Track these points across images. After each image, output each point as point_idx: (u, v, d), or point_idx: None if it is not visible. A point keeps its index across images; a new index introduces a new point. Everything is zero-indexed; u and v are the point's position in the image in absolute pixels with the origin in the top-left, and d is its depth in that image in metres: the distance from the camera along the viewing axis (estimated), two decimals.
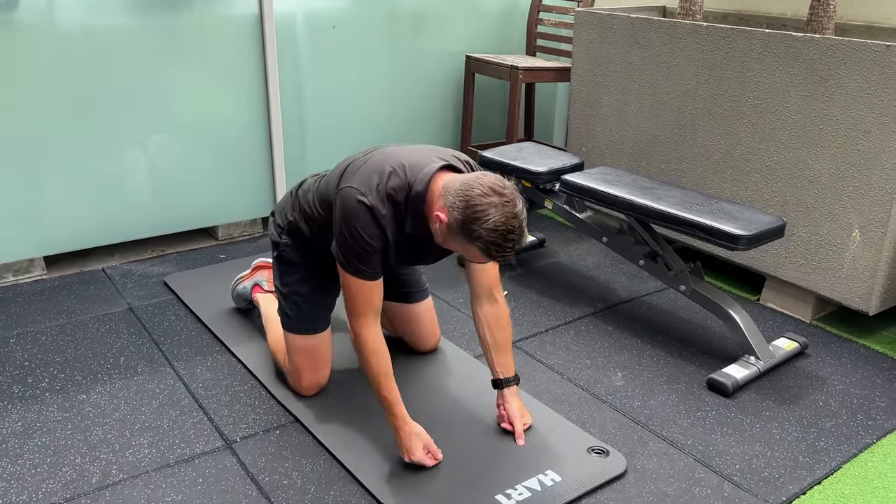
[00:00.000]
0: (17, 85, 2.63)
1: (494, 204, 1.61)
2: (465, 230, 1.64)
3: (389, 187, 1.76)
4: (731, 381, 2.24)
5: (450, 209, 1.66)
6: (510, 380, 2.02)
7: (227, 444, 1.96)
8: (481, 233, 1.61)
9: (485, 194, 1.62)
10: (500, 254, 1.65)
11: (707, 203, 2.40)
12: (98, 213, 2.92)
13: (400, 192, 1.77)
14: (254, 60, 3.09)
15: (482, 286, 1.99)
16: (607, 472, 1.88)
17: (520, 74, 3.47)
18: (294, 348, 2.09)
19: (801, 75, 2.55)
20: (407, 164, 1.79)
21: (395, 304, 2.30)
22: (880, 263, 2.45)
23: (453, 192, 1.66)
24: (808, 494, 1.86)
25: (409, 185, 1.77)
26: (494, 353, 2.01)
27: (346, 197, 1.77)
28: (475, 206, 1.61)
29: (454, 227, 1.66)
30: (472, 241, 1.64)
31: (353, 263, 1.79)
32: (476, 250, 1.66)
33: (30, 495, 1.76)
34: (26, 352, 2.35)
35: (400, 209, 1.78)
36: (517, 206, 1.63)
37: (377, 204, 1.75)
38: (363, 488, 1.81)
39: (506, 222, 1.61)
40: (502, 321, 2.01)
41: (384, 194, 1.76)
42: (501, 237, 1.61)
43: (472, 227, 1.62)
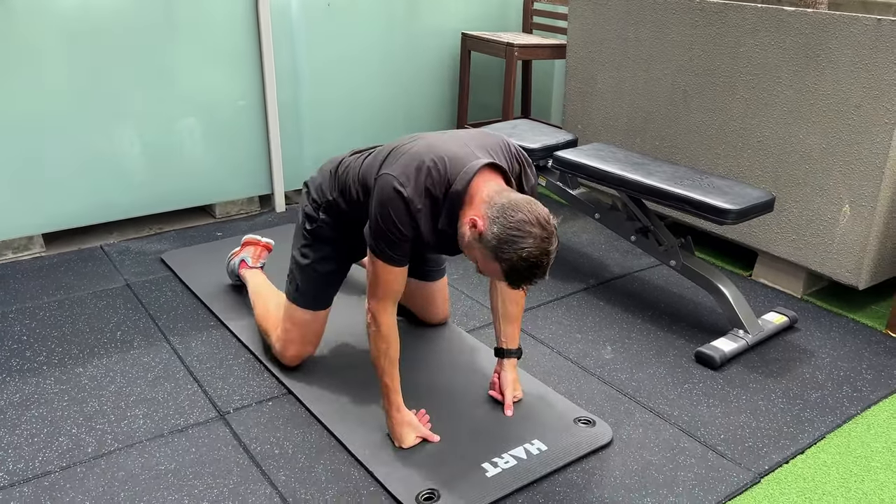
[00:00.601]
0: (15, 64, 2.65)
1: (535, 235, 1.59)
2: (497, 248, 1.61)
3: (428, 181, 1.73)
4: (719, 354, 2.27)
5: (490, 221, 1.63)
6: (512, 351, 2.06)
7: (221, 414, 2.00)
8: (512, 257, 1.59)
9: (529, 222, 1.59)
10: (518, 282, 1.64)
11: (697, 178, 2.42)
12: (96, 192, 2.95)
13: (439, 188, 1.74)
14: (249, 39, 3.10)
15: None
16: (593, 442, 1.91)
17: (515, 52, 3.47)
18: (293, 319, 2.12)
19: (793, 50, 2.55)
20: (448, 158, 1.75)
21: (413, 281, 2.31)
22: (870, 238, 2.46)
23: (499, 207, 1.63)
24: (791, 463, 1.89)
25: (448, 181, 1.73)
26: (503, 323, 2.06)
27: (385, 184, 1.74)
28: (517, 230, 1.59)
29: (487, 239, 1.63)
30: (498, 260, 1.62)
31: (382, 248, 1.78)
32: (498, 268, 1.64)
33: (27, 464, 1.80)
34: (25, 326, 2.39)
35: (437, 205, 1.76)
36: (553, 245, 1.62)
37: (414, 196, 1.72)
38: (353, 457, 1.85)
39: (538, 256, 1.59)
40: (517, 295, 2.04)
41: (423, 188, 1.73)
42: (528, 269, 1.61)
43: (504, 247, 1.60)
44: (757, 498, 1.77)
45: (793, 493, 1.79)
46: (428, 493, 1.71)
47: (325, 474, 1.79)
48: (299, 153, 3.42)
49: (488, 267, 1.67)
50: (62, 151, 2.83)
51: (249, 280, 2.43)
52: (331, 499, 1.72)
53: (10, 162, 2.74)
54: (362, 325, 2.39)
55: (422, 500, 1.69)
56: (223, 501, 1.70)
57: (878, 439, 1.99)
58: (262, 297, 2.29)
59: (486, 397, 2.07)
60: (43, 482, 1.75)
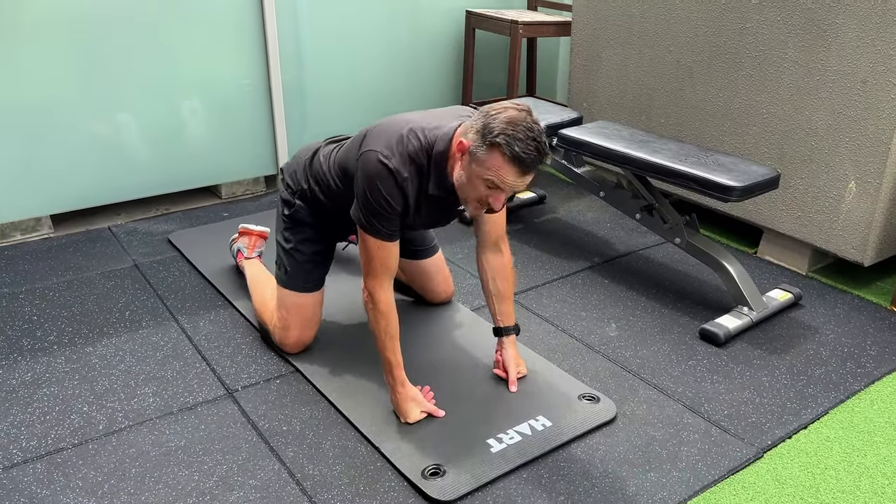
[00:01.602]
0: (21, 46, 2.65)
1: (511, 108, 1.66)
2: (484, 135, 1.64)
3: (410, 149, 1.78)
4: (724, 330, 2.28)
5: (468, 131, 1.69)
6: (510, 328, 2.07)
7: (229, 392, 2.02)
8: (500, 127, 1.61)
9: (502, 106, 1.67)
10: (522, 148, 1.61)
11: (702, 155, 2.41)
12: (103, 173, 2.96)
13: (422, 154, 1.78)
14: (253, 20, 3.09)
15: (489, 237, 2.03)
16: (597, 418, 1.93)
17: (520, 29, 3.45)
18: (287, 305, 2.13)
19: (800, 25, 2.53)
20: (426, 127, 1.81)
21: (405, 261, 2.33)
22: (875, 214, 2.46)
23: (472, 120, 1.71)
24: (794, 438, 1.91)
25: (430, 145, 1.78)
26: (496, 302, 2.07)
27: (369, 160, 1.77)
28: (492, 110, 1.66)
29: (475, 142, 1.66)
30: (493, 145, 1.63)
31: (372, 224, 1.81)
32: (498, 156, 1.64)
33: (39, 441, 1.83)
34: (35, 307, 2.41)
35: (423, 171, 1.80)
36: (534, 115, 1.66)
37: (399, 166, 1.76)
38: (360, 434, 1.87)
39: (523, 119, 1.63)
40: (506, 272, 2.06)
41: (406, 157, 1.77)
42: (522, 132, 1.61)
43: (490, 126, 1.63)
44: (759, 472, 1.79)
45: (795, 468, 1.81)
46: (434, 469, 1.74)
47: (333, 450, 1.82)
48: (303, 133, 3.42)
49: (490, 167, 1.65)
50: (69, 133, 2.84)
51: (246, 270, 2.45)
52: (338, 474, 1.75)
53: (18, 144, 2.75)
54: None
55: (428, 476, 1.72)
56: (232, 477, 1.73)
57: (882, 414, 2.00)
58: (259, 287, 2.31)
59: (491, 374, 2.09)
60: (55, 458, 1.78)
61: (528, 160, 1.64)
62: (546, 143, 1.66)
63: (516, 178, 1.67)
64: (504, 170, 1.65)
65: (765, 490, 1.74)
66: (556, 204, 3.32)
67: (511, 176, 1.66)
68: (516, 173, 1.66)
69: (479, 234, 2.04)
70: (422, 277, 2.40)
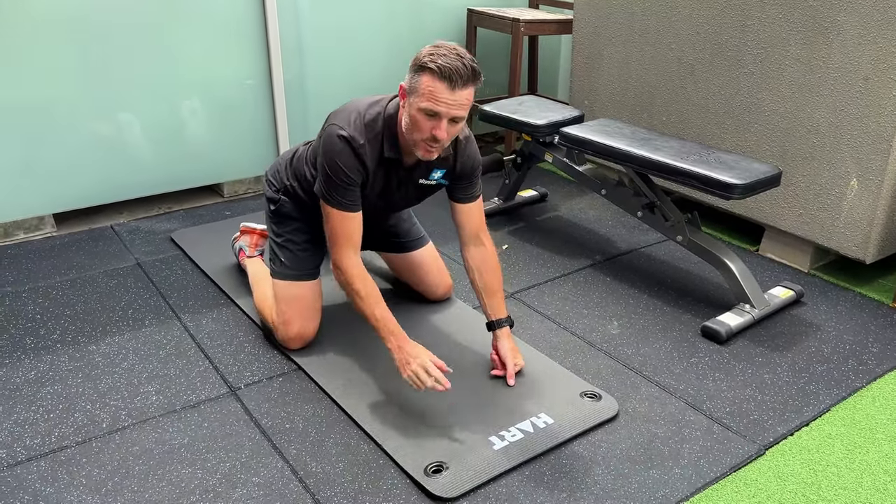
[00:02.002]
0: (23, 46, 2.66)
1: (436, 43, 1.80)
2: (413, 68, 1.79)
3: (367, 118, 1.91)
4: (725, 328, 2.28)
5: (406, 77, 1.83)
6: (502, 321, 2.08)
7: (232, 390, 2.03)
8: (424, 53, 1.77)
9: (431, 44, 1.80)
10: (446, 62, 1.73)
11: (704, 153, 2.41)
12: (106, 172, 2.97)
13: (378, 121, 1.92)
14: (254, 17, 3.09)
15: (468, 231, 2.09)
16: (599, 416, 1.93)
17: (521, 27, 3.45)
18: (286, 297, 2.15)
19: (801, 22, 2.53)
20: (379, 99, 1.96)
21: (392, 255, 2.38)
22: (877, 212, 2.46)
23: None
24: (796, 435, 1.91)
25: (384, 109, 1.93)
26: (485, 296, 2.09)
27: (328, 134, 1.91)
28: (421, 50, 1.80)
29: (409, 78, 1.80)
30: (420, 69, 1.77)
31: (333, 196, 1.92)
32: (428, 77, 1.75)
33: (43, 439, 1.84)
34: (38, 305, 2.42)
35: (378, 136, 1.92)
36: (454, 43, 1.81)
37: (355, 133, 1.89)
38: (362, 431, 1.88)
39: (445, 45, 1.78)
40: (490, 264, 2.09)
41: (361, 126, 1.90)
42: (444, 50, 1.75)
43: (417, 56, 1.78)
44: (761, 469, 1.79)
45: (797, 465, 1.81)
46: (436, 466, 1.74)
47: (336, 448, 1.82)
48: (305, 131, 3.42)
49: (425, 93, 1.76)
50: (71, 132, 2.85)
51: (248, 268, 2.46)
52: (341, 471, 1.75)
53: (21, 143, 2.76)
54: None
55: (430, 473, 1.72)
56: (235, 475, 1.74)
57: (884, 411, 2.00)
58: (260, 284, 2.32)
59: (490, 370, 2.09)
60: (59, 456, 1.78)
61: (453, 71, 1.74)
62: (472, 61, 1.77)
63: (448, 93, 1.76)
64: (435, 87, 1.75)
65: (767, 487, 1.74)
66: (557, 202, 3.32)
67: (443, 92, 1.76)
68: (446, 88, 1.75)
69: (459, 229, 2.10)
70: (415, 272, 2.41)
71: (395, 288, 2.53)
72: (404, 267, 2.41)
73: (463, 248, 2.10)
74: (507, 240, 2.94)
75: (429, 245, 2.42)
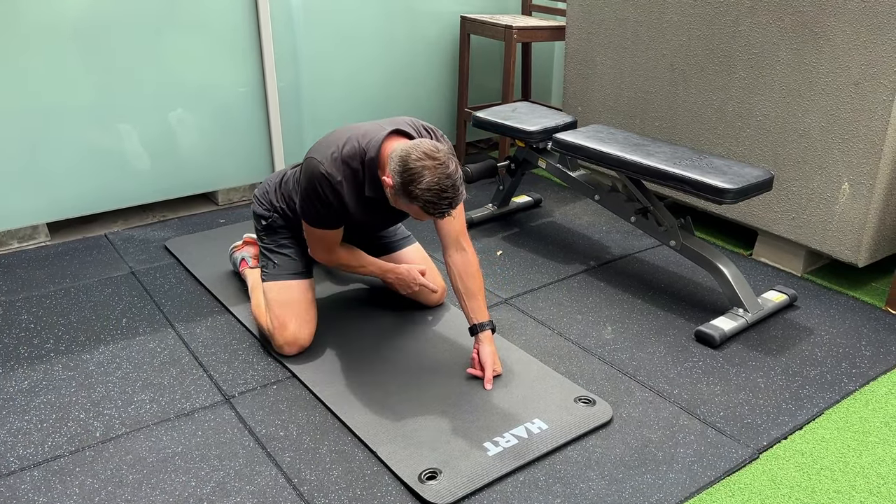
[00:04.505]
0: (18, 54, 2.66)
1: (428, 167, 1.80)
2: (405, 192, 1.83)
3: (344, 154, 1.97)
4: (719, 332, 2.28)
5: (393, 174, 1.85)
6: (484, 325, 2.10)
7: (226, 398, 2.03)
8: (418, 193, 1.81)
9: (419, 159, 1.80)
10: (436, 211, 1.84)
11: (696, 158, 2.42)
12: (100, 180, 2.97)
13: (355, 159, 1.98)
14: (248, 25, 3.10)
15: (449, 236, 2.12)
16: (593, 421, 1.93)
17: (515, 34, 3.46)
18: (280, 300, 2.16)
19: (791, 28, 2.54)
20: (360, 135, 1.99)
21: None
22: (869, 215, 2.47)
23: (395, 159, 1.85)
24: (789, 439, 1.91)
25: (363, 151, 1.97)
26: (467, 300, 2.11)
27: (308, 166, 2.00)
28: (411, 169, 1.80)
29: (397, 189, 1.85)
30: (412, 201, 1.84)
31: (314, 220, 2.07)
32: (417, 208, 1.85)
33: (36, 448, 1.84)
34: (32, 315, 2.41)
35: (358, 175, 1.99)
36: (450, 168, 1.82)
37: (332, 170, 1.96)
38: (356, 438, 1.88)
39: (438, 182, 1.80)
40: (471, 269, 2.12)
41: (339, 162, 1.97)
42: (436, 196, 1.80)
43: (409, 188, 1.82)
44: (755, 473, 1.80)
45: (791, 469, 1.81)
46: (430, 472, 1.74)
47: (330, 455, 1.82)
48: (300, 138, 3.43)
49: (412, 211, 1.89)
50: (65, 141, 2.85)
51: (248, 278, 2.46)
52: (335, 479, 1.75)
53: (14, 151, 2.76)
54: (361, 311, 2.42)
55: (424, 479, 1.72)
56: (229, 483, 1.73)
57: (877, 414, 2.01)
58: (257, 291, 2.33)
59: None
60: (52, 466, 1.78)
61: (442, 215, 1.87)
62: (460, 188, 1.84)
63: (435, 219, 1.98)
64: (422, 216, 1.89)
65: (761, 491, 1.74)
66: (551, 207, 3.33)
67: (428, 218, 1.90)
68: (433, 219, 1.94)
69: (440, 235, 2.14)
70: None
71: (388, 297, 2.53)
72: None
73: (444, 254, 2.14)
74: (501, 246, 2.95)
75: (416, 245, 2.47)
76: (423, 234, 2.95)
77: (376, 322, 2.36)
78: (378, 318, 2.39)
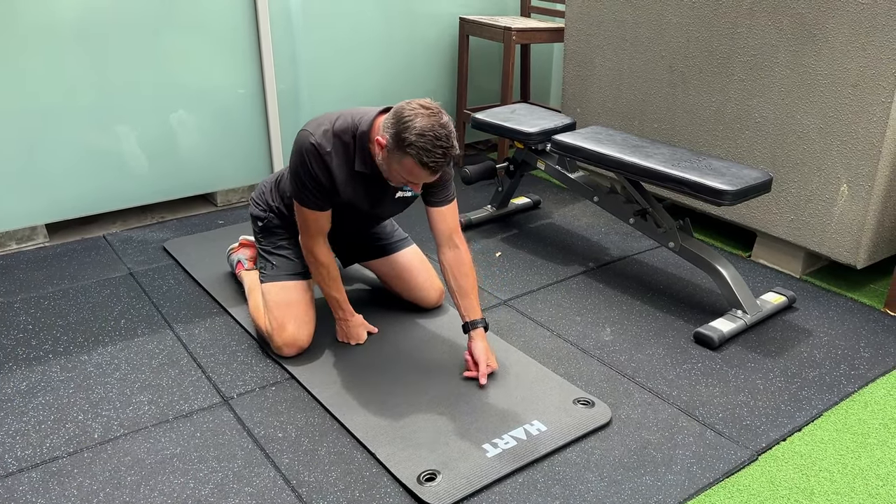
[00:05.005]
0: (17, 55, 2.66)
1: (421, 114, 1.82)
2: (398, 141, 1.82)
3: (336, 128, 1.99)
4: (718, 334, 2.28)
5: (385, 130, 1.87)
6: (477, 322, 2.10)
7: (225, 400, 2.03)
8: (411, 138, 1.80)
9: (413, 108, 1.83)
10: (431, 159, 1.82)
11: (695, 160, 2.43)
12: (98, 181, 2.97)
13: (347, 133, 1.99)
14: (248, 27, 3.10)
15: (442, 233, 2.13)
16: (592, 422, 1.93)
17: (513, 36, 3.47)
18: (278, 301, 2.16)
19: (790, 30, 2.54)
20: (353, 113, 2.02)
21: (378, 261, 2.40)
22: (867, 217, 2.47)
23: (388, 118, 1.87)
24: (788, 441, 1.91)
25: (356, 125, 1.99)
26: (459, 298, 2.12)
27: (298, 138, 2.01)
28: (405, 117, 1.82)
29: (390, 144, 1.85)
30: (405, 152, 1.82)
31: (303, 196, 2.04)
32: (411, 161, 1.83)
33: (35, 450, 1.83)
34: (30, 316, 2.41)
35: (349, 149, 2.00)
36: (443, 119, 1.83)
37: (322, 141, 1.97)
38: (355, 440, 1.88)
39: (432, 128, 1.80)
40: (464, 267, 2.13)
41: (331, 134, 1.98)
42: (430, 142, 1.80)
43: (403, 135, 1.81)
44: (754, 475, 1.80)
45: (790, 470, 1.81)
46: (429, 474, 1.74)
47: (329, 457, 1.82)
48: None
49: (406, 168, 1.86)
50: (64, 142, 2.85)
51: (245, 279, 2.46)
52: (334, 480, 1.75)
53: (13, 152, 2.76)
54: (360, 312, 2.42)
55: (423, 481, 1.72)
56: (228, 484, 1.73)
57: (875, 416, 2.01)
58: (255, 293, 2.32)
59: (486, 379, 2.09)
60: (51, 467, 1.78)
61: (436, 167, 1.84)
62: (453, 144, 1.84)
63: (427, 177, 1.89)
64: (416, 171, 1.86)
65: (759, 493, 1.74)
66: (550, 209, 3.33)
67: (423, 176, 1.88)
68: (428, 174, 1.88)
69: (434, 232, 2.15)
70: (403, 276, 2.41)
71: (387, 298, 2.52)
72: (393, 273, 2.41)
73: (438, 251, 2.15)
74: (499, 247, 2.95)
75: (413, 247, 2.46)
76: (421, 235, 2.95)
77: (375, 323, 2.35)
78: (377, 319, 2.38)
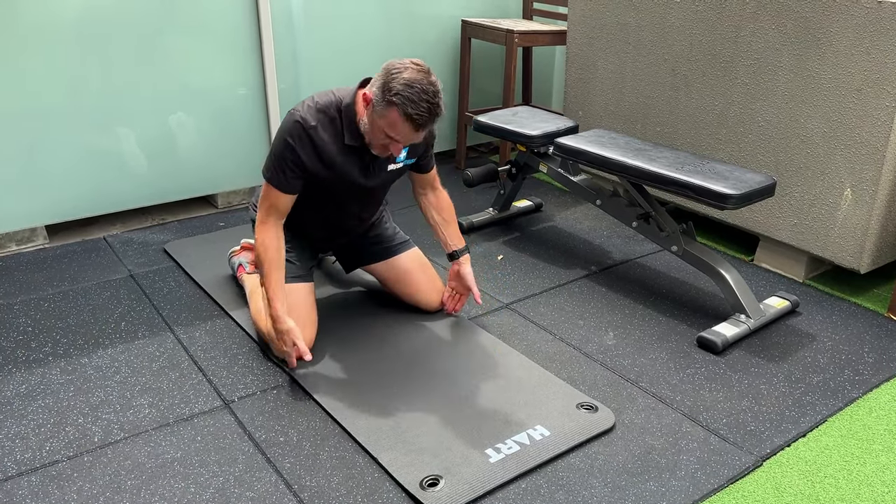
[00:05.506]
0: (16, 56, 2.65)
1: (411, 68, 1.85)
2: (384, 92, 1.84)
3: (320, 104, 2.01)
4: (721, 338, 2.27)
5: (372, 85, 1.90)
6: (462, 249, 2.33)
7: (225, 403, 2.01)
8: (398, 87, 1.82)
9: (403, 63, 1.86)
10: (416, 111, 1.83)
11: (698, 163, 2.42)
12: (99, 183, 2.96)
13: (331, 108, 2.02)
14: (249, 27, 3.09)
15: (423, 182, 2.31)
16: (595, 427, 1.92)
17: (516, 38, 3.46)
18: None
19: (794, 34, 2.54)
20: (335, 90, 2.06)
21: (379, 265, 2.39)
22: (871, 222, 2.46)
23: (377, 75, 1.89)
24: (793, 447, 1.90)
25: (339, 100, 2.02)
26: (443, 229, 2.29)
27: (285, 118, 2.03)
28: (394, 69, 1.85)
29: (377, 96, 1.87)
30: (391, 102, 1.84)
31: (271, 170, 2.04)
32: (395, 112, 1.84)
33: (34, 453, 1.82)
34: (30, 318, 2.40)
35: (336, 123, 2.02)
36: (432, 77, 1.86)
37: (306, 115, 1.99)
38: (357, 444, 1.86)
39: (420, 81, 1.83)
40: (443, 202, 2.34)
41: (315, 110, 2.00)
42: (416, 94, 1.82)
43: (389, 85, 1.83)
44: (759, 481, 1.78)
45: (794, 476, 1.80)
46: (432, 479, 1.73)
47: (330, 461, 1.81)
48: None
49: (388, 121, 1.87)
50: (64, 143, 2.84)
51: (246, 283, 2.44)
52: (336, 485, 1.73)
53: (13, 153, 2.75)
54: (362, 316, 2.41)
55: (426, 486, 1.71)
56: (229, 489, 1.72)
57: (880, 422, 2.00)
58: (256, 296, 2.30)
59: (489, 384, 2.08)
60: (50, 471, 1.76)
61: (420, 121, 1.86)
62: (440, 103, 1.86)
63: (410, 133, 1.90)
64: (399, 126, 1.87)
65: (764, 499, 1.73)
66: (552, 212, 3.32)
67: (406, 132, 1.89)
68: (410, 130, 1.88)
69: (414, 182, 2.32)
70: (404, 279, 2.40)
71: (389, 302, 2.51)
72: (394, 276, 2.40)
73: (419, 197, 2.31)
74: (501, 250, 2.94)
75: (415, 250, 2.44)
76: (422, 238, 2.94)
77: (377, 327, 2.34)
78: (379, 322, 2.37)
